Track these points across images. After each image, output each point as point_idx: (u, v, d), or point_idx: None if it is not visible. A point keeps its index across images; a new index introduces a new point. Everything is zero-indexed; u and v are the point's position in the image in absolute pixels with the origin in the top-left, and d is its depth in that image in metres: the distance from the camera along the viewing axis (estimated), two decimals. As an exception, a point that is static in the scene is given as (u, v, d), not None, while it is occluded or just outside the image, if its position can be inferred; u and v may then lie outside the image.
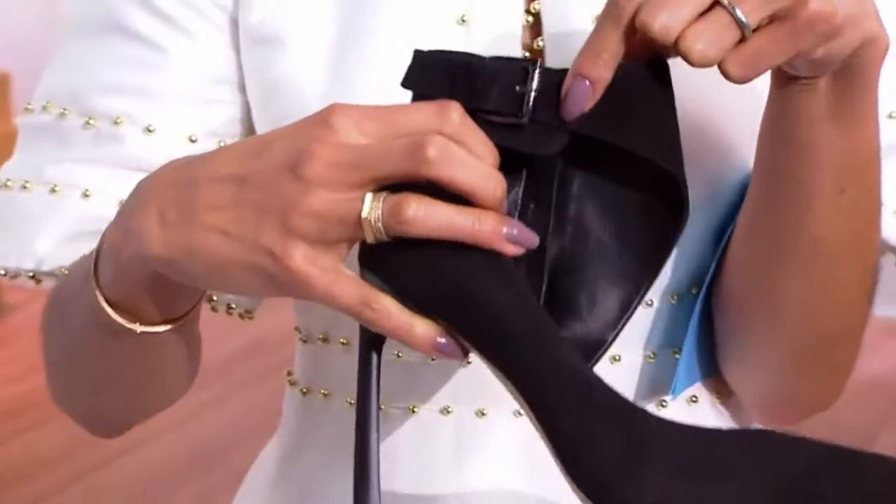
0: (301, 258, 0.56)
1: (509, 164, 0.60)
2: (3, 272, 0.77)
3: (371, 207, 0.57)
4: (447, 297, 0.58)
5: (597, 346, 0.64)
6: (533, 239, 0.58)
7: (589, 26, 0.67)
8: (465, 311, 0.58)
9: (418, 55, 0.60)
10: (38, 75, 0.81)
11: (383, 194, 0.57)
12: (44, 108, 0.79)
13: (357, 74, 0.77)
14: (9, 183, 0.79)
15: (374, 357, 0.61)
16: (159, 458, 2.94)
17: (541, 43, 0.75)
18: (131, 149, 0.76)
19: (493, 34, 0.75)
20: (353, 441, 0.67)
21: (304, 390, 0.82)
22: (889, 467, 0.58)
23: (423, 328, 0.58)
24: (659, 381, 0.77)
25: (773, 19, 0.59)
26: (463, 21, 0.76)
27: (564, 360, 0.58)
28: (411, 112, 0.58)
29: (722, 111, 0.74)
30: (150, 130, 0.76)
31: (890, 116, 0.77)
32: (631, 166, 0.62)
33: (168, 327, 0.68)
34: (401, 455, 0.79)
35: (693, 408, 0.79)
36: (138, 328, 0.68)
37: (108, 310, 0.66)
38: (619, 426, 0.57)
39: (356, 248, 0.59)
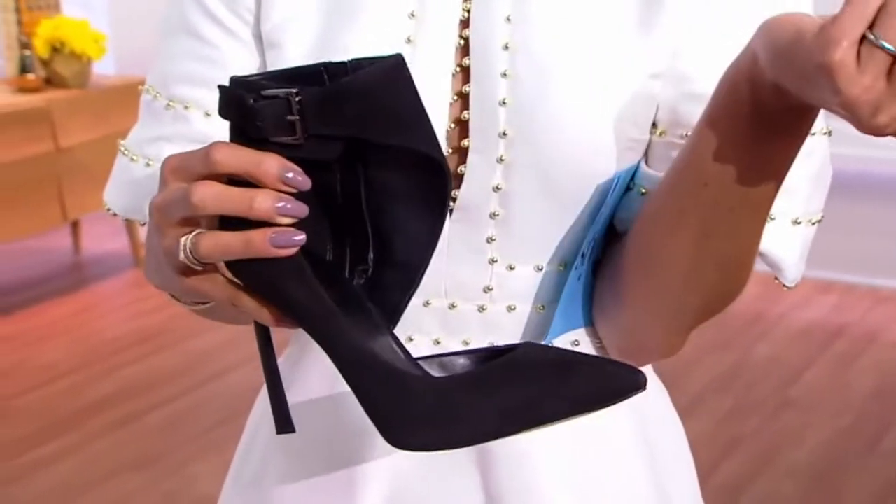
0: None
1: (325, 171, 0.61)
2: (142, 223, 0.78)
3: (182, 248, 0.59)
4: (272, 295, 0.61)
5: (419, 267, 0.65)
6: (302, 210, 0.58)
7: (501, 52, 0.73)
8: (283, 305, 0.61)
9: (222, 91, 0.59)
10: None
11: (190, 236, 0.59)
12: (146, 90, 0.81)
13: None
14: (125, 152, 0.81)
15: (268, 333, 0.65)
16: (248, 378, 2.96)
17: (467, 61, 0.74)
18: (197, 128, 0.78)
19: (432, 52, 0.75)
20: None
21: None
22: (596, 369, 0.64)
23: (265, 315, 0.61)
24: (546, 327, 0.78)
25: None
26: (409, 41, 0.75)
27: (351, 341, 0.61)
28: (189, 161, 0.59)
29: (596, 117, 0.72)
30: (207, 115, 0.78)
31: None
32: (404, 151, 0.61)
33: (208, 305, 0.68)
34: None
35: (576, 349, 0.80)
36: (187, 307, 0.71)
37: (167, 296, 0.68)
38: (392, 391, 0.61)
39: None
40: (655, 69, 0.73)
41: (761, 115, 0.62)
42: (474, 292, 0.77)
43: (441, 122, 0.74)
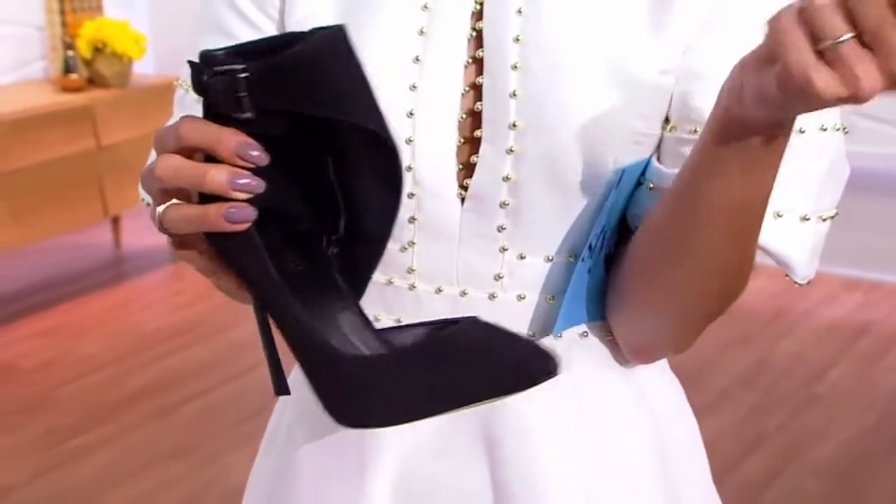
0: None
1: (286, 144, 0.60)
2: None
3: (155, 217, 0.62)
4: (230, 266, 0.62)
5: (381, 241, 0.64)
6: (258, 185, 0.59)
7: (512, 45, 0.73)
8: (239, 277, 0.62)
9: (190, 66, 0.59)
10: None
11: (161, 207, 0.61)
12: (179, 85, 0.83)
13: None
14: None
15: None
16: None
17: (480, 53, 0.75)
18: None
19: (445, 44, 0.75)
20: None
21: None
22: (515, 352, 0.65)
23: (232, 285, 0.63)
24: (555, 318, 0.78)
25: None
26: (422, 33, 0.75)
27: (295, 317, 0.61)
28: (164, 134, 0.61)
29: (603, 110, 0.72)
30: None
31: None
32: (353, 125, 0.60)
33: None
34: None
35: (584, 340, 0.80)
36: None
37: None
38: (328, 368, 0.62)
39: None
40: (667, 65, 0.73)
41: (742, 129, 0.62)
42: (485, 280, 0.77)
43: (453, 113, 0.74)
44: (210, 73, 0.57)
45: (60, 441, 2.79)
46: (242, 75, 0.57)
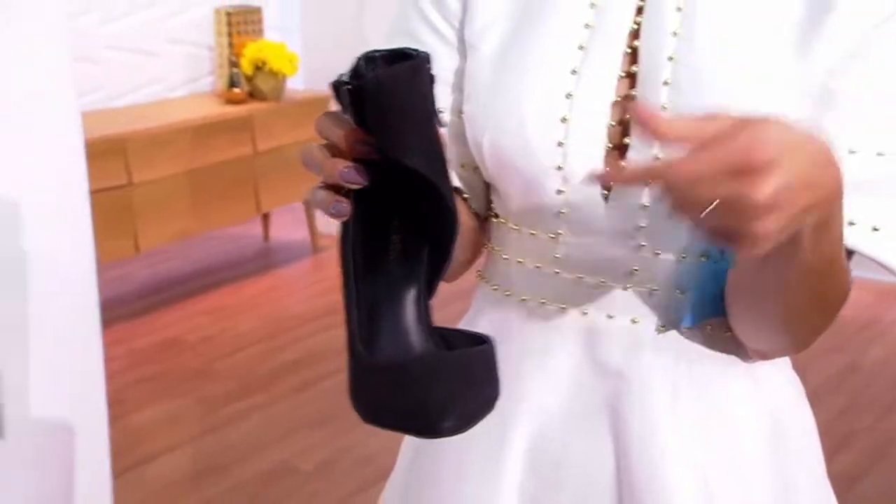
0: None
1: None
2: None
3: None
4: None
5: (445, 256, 0.61)
6: (358, 179, 0.58)
7: (666, 63, 0.71)
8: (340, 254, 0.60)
9: (332, 86, 0.57)
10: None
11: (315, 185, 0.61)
12: None
13: (508, 77, 0.76)
14: None
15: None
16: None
17: (634, 69, 0.74)
18: None
19: (602, 59, 0.74)
20: (502, 317, 0.76)
21: (495, 287, 0.83)
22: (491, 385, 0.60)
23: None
24: (682, 311, 0.77)
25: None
26: (581, 48, 0.75)
27: (350, 309, 0.59)
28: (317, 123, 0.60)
29: None
30: None
31: (851, 152, 0.70)
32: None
33: None
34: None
35: (708, 332, 0.78)
36: None
37: None
38: (350, 362, 0.59)
39: None
40: (807, 89, 0.72)
41: None
42: (621, 273, 0.77)
43: (604, 121, 0.74)
44: (336, 81, 0.56)
45: (218, 407, 2.86)
46: (346, 87, 0.56)
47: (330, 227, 3.84)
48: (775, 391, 0.82)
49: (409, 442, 0.89)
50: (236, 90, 3.84)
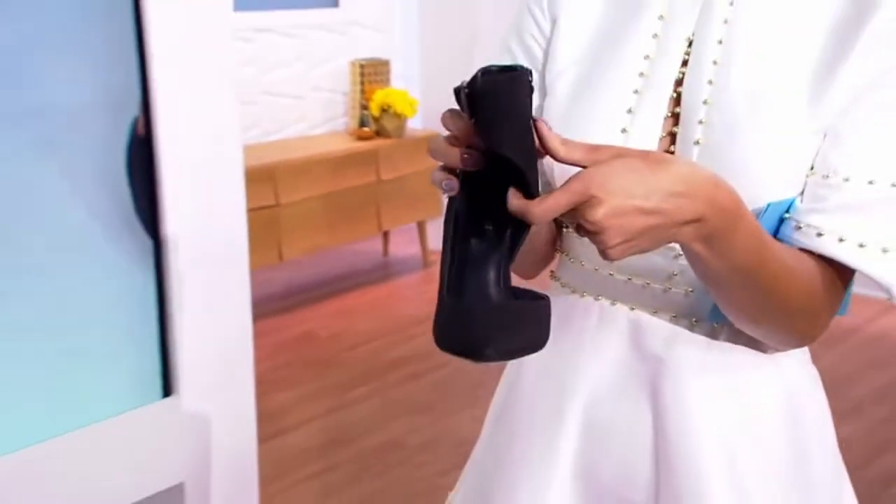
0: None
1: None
2: None
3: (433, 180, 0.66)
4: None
5: (515, 245, 0.64)
6: (466, 161, 0.61)
7: (701, 106, 0.74)
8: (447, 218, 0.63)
9: (454, 91, 0.59)
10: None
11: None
12: None
13: (578, 115, 0.79)
14: None
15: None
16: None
17: (677, 109, 0.77)
18: None
19: (652, 102, 0.77)
20: (569, 317, 0.77)
21: (563, 284, 0.86)
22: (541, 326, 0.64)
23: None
24: (712, 309, 0.78)
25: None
26: (636, 92, 0.78)
27: (447, 258, 0.63)
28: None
29: (766, 161, 0.72)
30: None
31: (845, 180, 0.71)
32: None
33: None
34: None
35: (731, 326, 0.78)
36: None
37: None
38: (440, 298, 0.64)
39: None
40: (820, 126, 0.74)
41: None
42: (663, 277, 0.79)
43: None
44: (458, 86, 0.60)
45: (343, 391, 2.94)
46: (464, 91, 0.59)
47: (438, 243, 3.86)
48: (793, 377, 0.83)
49: (490, 417, 0.93)
50: (365, 129, 3.92)
